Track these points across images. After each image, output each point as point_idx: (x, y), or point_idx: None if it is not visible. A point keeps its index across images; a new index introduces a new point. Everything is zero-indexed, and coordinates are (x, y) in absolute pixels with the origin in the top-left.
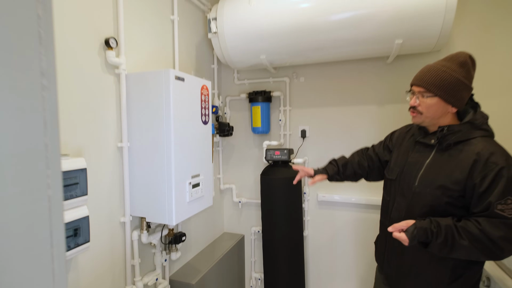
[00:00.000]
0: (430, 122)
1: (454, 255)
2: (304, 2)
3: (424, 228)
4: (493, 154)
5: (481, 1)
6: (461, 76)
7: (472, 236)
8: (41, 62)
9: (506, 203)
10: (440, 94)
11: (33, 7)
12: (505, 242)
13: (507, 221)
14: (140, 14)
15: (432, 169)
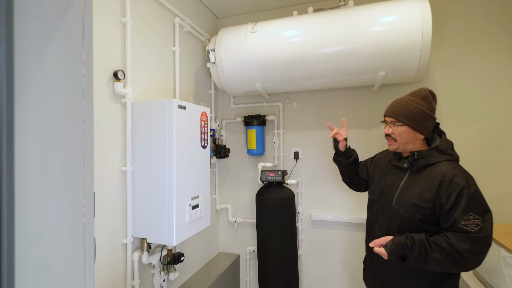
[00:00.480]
0: (403, 148)
1: (428, 267)
2: (296, 37)
3: (401, 243)
4: (455, 176)
5: (453, 39)
6: (424, 108)
7: (442, 249)
8: (83, 111)
9: (468, 219)
10: (408, 123)
11: (79, 69)
12: (470, 253)
13: (470, 235)
14: (145, 47)
15: (406, 189)
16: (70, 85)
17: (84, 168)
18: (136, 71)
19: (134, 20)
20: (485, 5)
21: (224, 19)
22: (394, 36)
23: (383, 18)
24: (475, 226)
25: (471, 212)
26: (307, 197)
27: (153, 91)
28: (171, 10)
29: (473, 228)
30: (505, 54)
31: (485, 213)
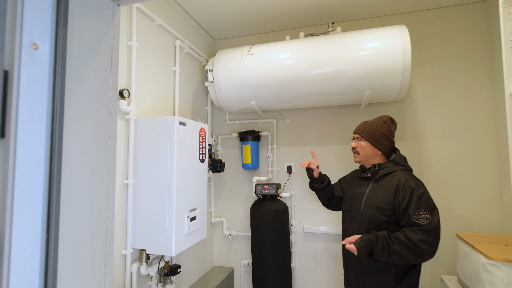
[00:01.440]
0: (365, 161)
1: (392, 259)
2: (289, 59)
3: (368, 239)
4: (408, 180)
5: (432, 63)
6: (383, 129)
7: (400, 242)
8: (109, 128)
9: (419, 214)
10: (368, 139)
11: (107, 92)
12: (423, 243)
13: (422, 227)
14: (148, 67)
15: (371, 195)
16: (99, 106)
17: (108, 178)
18: (140, 89)
19: (139, 43)
20: (460, 26)
21: (221, 41)
22: (378, 60)
23: (368, 44)
24: (425, 220)
25: (421, 209)
26: (300, 210)
27: (154, 108)
28: (173, 33)
29: (423, 222)
30: (480, 70)
31: (433, 209)
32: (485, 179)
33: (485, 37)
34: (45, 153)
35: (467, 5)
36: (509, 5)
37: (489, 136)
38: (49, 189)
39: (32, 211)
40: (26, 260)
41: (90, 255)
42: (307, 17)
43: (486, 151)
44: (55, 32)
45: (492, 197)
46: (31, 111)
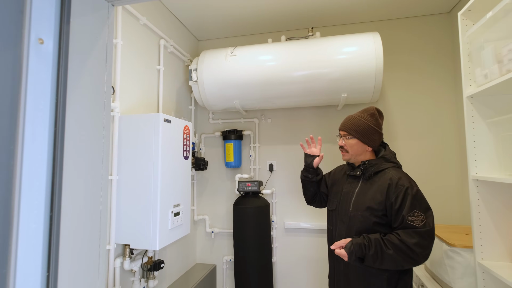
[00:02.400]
0: (354, 158)
1: (384, 265)
2: (271, 61)
3: (359, 243)
4: (400, 179)
5: (402, 68)
6: (371, 123)
7: (394, 246)
8: (103, 120)
9: (414, 215)
10: (357, 136)
11: (102, 86)
12: (418, 247)
13: (417, 230)
14: (133, 65)
15: (361, 195)
16: (95, 98)
17: (102, 165)
18: (124, 87)
19: (124, 41)
20: (427, 34)
21: (204, 42)
22: (354, 64)
23: (345, 48)
24: (420, 221)
25: (416, 209)
26: (281, 207)
27: (139, 106)
28: (157, 32)
29: (418, 224)
30: (445, 75)
31: (427, 210)
32: (449, 176)
33: (449, 45)
34: (49, 139)
35: (434, 15)
36: (466, 17)
37: (453, 136)
38: (53, 171)
39: (37, 191)
40: (32, 235)
41: (87, 234)
42: (288, 21)
43: (450, 150)
44: (59, 28)
45: (455, 192)
46: (37, 100)
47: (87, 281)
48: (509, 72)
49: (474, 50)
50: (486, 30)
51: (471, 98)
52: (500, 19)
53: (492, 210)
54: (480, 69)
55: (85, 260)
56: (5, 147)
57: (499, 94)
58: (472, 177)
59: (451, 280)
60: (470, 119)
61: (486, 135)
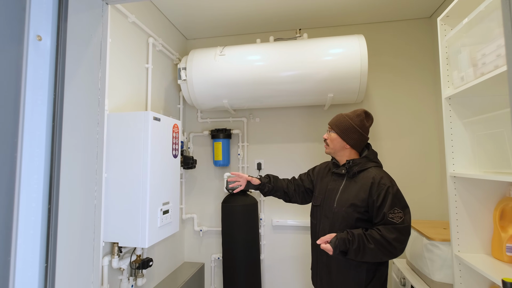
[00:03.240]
0: (334, 153)
1: (365, 258)
2: (260, 61)
3: (343, 238)
4: (382, 178)
5: (386, 69)
6: (353, 123)
7: (375, 240)
8: (98, 116)
9: (394, 213)
10: (337, 131)
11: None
12: (397, 242)
13: (396, 226)
14: (121, 63)
15: (345, 192)
16: (90, 95)
17: (96, 161)
18: (112, 85)
19: (112, 38)
20: (410, 37)
21: (193, 41)
22: (340, 65)
23: (331, 50)
24: (399, 218)
25: (396, 207)
26: (268, 205)
27: (127, 104)
28: (146, 31)
29: (397, 220)
30: (426, 77)
31: (405, 207)
32: (430, 173)
33: (430, 48)
34: (47, 134)
35: (416, 20)
36: (445, 23)
37: (433, 135)
38: (51, 165)
39: (36, 184)
40: (31, 226)
41: (83, 227)
42: (276, 22)
43: (431, 149)
44: (57, 26)
45: (435, 189)
46: (35, 95)
47: (83, 271)
48: (483, 75)
49: (451, 54)
50: (463, 35)
51: (449, 99)
52: (475, 25)
53: (468, 205)
54: (457, 72)
55: (81, 251)
56: (7, 141)
57: (474, 95)
58: (450, 174)
59: (430, 272)
60: (448, 119)
61: (463, 134)
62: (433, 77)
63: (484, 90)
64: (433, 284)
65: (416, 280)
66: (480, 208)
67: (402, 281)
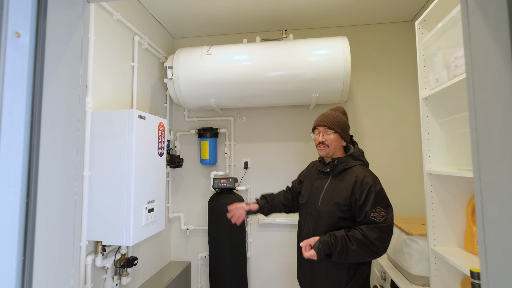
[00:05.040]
0: (332, 153)
1: (349, 259)
2: (246, 61)
3: (326, 242)
4: (366, 177)
5: (370, 70)
6: (344, 120)
7: (358, 241)
8: (78, 112)
9: (376, 211)
10: (338, 131)
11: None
12: (379, 241)
13: (378, 225)
14: (106, 61)
15: (329, 191)
16: (71, 92)
17: (77, 157)
18: (97, 83)
19: (97, 36)
20: (393, 40)
21: (180, 39)
22: (324, 65)
23: (316, 51)
24: (381, 217)
25: (378, 206)
26: None
27: (112, 102)
28: (131, 29)
29: (379, 219)
30: (408, 78)
31: (387, 206)
32: (410, 172)
33: (411, 50)
34: (25, 129)
35: (398, 23)
36: (422, 26)
37: (414, 134)
38: (29, 160)
39: (14, 178)
40: (8, 219)
41: (62, 222)
42: (263, 23)
43: (411, 147)
44: (36, 23)
45: (415, 187)
46: (14, 91)
47: (63, 265)
48: (455, 77)
49: (428, 57)
50: (438, 39)
51: (425, 100)
52: (448, 29)
53: (444, 201)
54: (433, 73)
55: (60, 245)
56: None
57: (449, 96)
58: (426, 171)
59: (409, 266)
60: (425, 119)
61: (439, 133)
62: (414, 78)
63: (456, 91)
64: (411, 278)
65: (395, 274)
66: (454, 204)
67: (382, 275)
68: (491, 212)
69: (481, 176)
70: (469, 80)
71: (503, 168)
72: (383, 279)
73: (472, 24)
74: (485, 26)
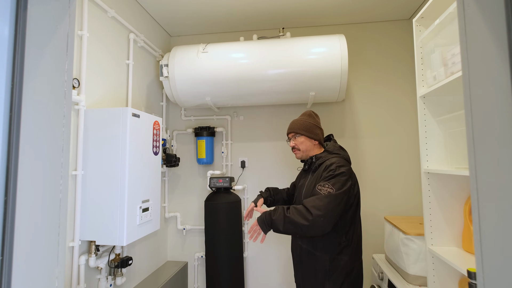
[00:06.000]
0: (306, 155)
1: (287, 228)
2: (243, 59)
3: (268, 212)
4: (332, 163)
5: (369, 69)
6: (310, 121)
7: (295, 209)
8: (64, 108)
9: (323, 186)
10: (303, 133)
11: (63, 75)
12: (314, 209)
13: (319, 196)
14: (100, 58)
15: (309, 186)
16: (55, 87)
17: (62, 154)
18: (90, 80)
19: (90, 33)
20: (391, 38)
21: (177, 38)
22: (321, 64)
23: (313, 49)
24: (325, 192)
25: (328, 183)
26: None
27: (107, 100)
28: (127, 26)
29: (324, 192)
30: (406, 77)
31: (339, 188)
32: (410, 170)
33: (409, 49)
34: (3, 124)
35: (396, 21)
36: (420, 24)
37: (412, 133)
38: (8, 158)
39: None
40: None
41: (46, 221)
42: (260, 21)
43: (410, 146)
44: (15, 15)
45: (414, 185)
46: None
47: (46, 265)
48: (452, 74)
49: (426, 54)
50: (435, 36)
51: (423, 98)
52: (445, 26)
53: (441, 200)
54: (430, 71)
55: (44, 245)
56: None
57: (446, 94)
58: (424, 170)
59: (406, 266)
60: (422, 117)
61: (437, 131)
62: (412, 77)
63: (454, 89)
64: (409, 278)
65: (393, 274)
66: (452, 203)
67: (380, 275)
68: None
69: (477, 173)
70: (465, 74)
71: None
72: (381, 279)
73: (468, 16)
74: (481, 19)
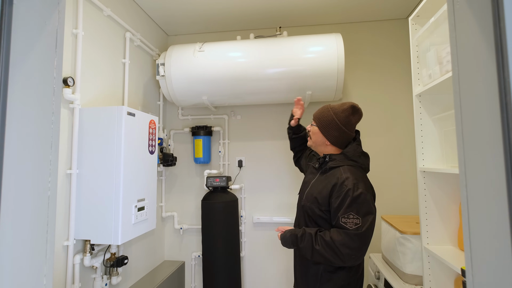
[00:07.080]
0: (315, 147)
1: (316, 259)
2: (240, 58)
3: (295, 234)
4: (347, 179)
5: (366, 67)
6: (336, 118)
7: (324, 242)
8: (53, 105)
9: (348, 218)
10: (318, 125)
11: (52, 72)
12: (345, 248)
13: (348, 231)
14: (96, 57)
15: (314, 187)
16: (43, 84)
17: (51, 151)
18: (86, 79)
19: (85, 32)
20: (388, 37)
21: (174, 37)
22: (318, 63)
23: (310, 48)
24: (353, 224)
25: (352, 212)
26: (249, 202)
27: (103, 99)
28: (123, 25)
29: (351, 226)
30: (403, 75)
31: (366, 214)
32: (405, 170)
33: (406, 47)
34: None
35: (393, 20)
36: (415, 22)
37: (409, 131)
38: None
39: None
40: None
41: (34, 220)
42: (257, 20)
43: (406, 145)
44: (0, 10)
45: (410, 185)
46: None
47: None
48: (447, 72)
49: (421, 52)
50: (431, 34)
51: (419, 97)
52: (440, 24)
53: (437, 199)
54: (426, 69)
55: (31, 243)
56: None
57: (442, 92)
58: (419, 169)
59: (402, 265)
60: (418, 116)
61: (432, 130)
62: (409, 76)
63: (449, 87)
64: (405, 277)
65: (389, 273)
66: (448, 201)
67: (376, 274)
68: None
69: (466, 169)
70: (454, 70)
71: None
72: (377, 278)
73: (457, 12)
74: (470, 14)
